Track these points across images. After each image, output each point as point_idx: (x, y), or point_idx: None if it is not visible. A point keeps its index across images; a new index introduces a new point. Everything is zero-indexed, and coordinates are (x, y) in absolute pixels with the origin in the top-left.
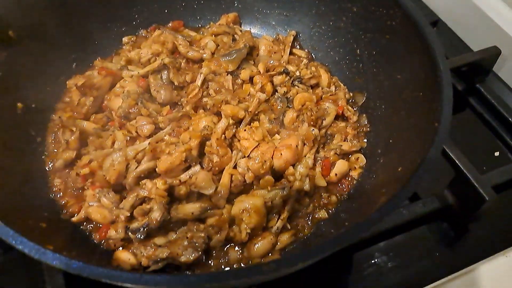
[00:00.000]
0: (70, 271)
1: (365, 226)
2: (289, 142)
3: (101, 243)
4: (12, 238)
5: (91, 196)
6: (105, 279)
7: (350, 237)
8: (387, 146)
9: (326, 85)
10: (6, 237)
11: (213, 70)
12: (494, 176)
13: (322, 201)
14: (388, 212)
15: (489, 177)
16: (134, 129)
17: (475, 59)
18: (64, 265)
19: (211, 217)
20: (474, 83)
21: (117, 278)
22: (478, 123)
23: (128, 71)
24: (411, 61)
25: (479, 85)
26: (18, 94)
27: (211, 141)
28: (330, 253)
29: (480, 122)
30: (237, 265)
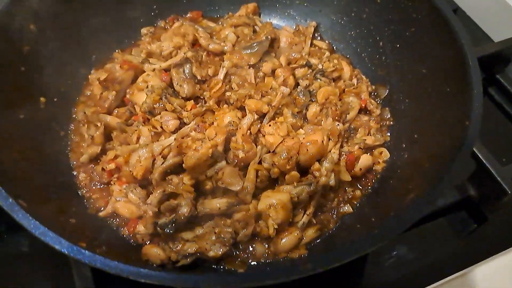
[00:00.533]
0: (111, 272)
1: (400, 225)
2: (315, 138)
3: (129, 237)
4: (51, 239)
5: (117, 191)
6: (145, 279)
7: (384, 236)
8: (411, 141)
9: (348, 78)
10: (46, 238)
11: (235, 63)
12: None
13: (347, 196)
14: (421, 212)
15: (511, 170)
16: (159, 124)
17: (496, 49)
18: (104, 266)
19: (237, 212)
20: (493, 74)
21: (158, 278)
22: (498, 114)
23: (150, 65)
24: (437, 55)
25: (499, 75)
26: (41, 88)
27: (237, 137)
28: (364, 253)
29: (499, 113)
30: (263, 259)
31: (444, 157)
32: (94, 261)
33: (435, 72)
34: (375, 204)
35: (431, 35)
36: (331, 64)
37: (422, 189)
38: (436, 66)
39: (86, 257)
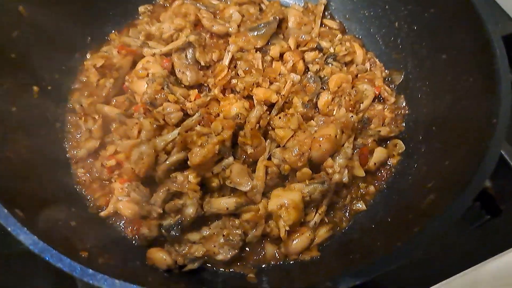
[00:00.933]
0: None
1: (424, 240)
2: (328, 132)
3: (132, 238)
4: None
5: (119, 190)
6: None
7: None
8: (429, 133)
9: (361, 62)
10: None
11: (241, 47)
12: None
13: (360, 192)
14: (453, 218)
15: None
16: (161, 117)
17: None
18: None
19: (246, 212)
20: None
21: None
22: None
23: (149, 49)
24: (459, 41)
25: None
26: (33, 76)
27: (245, 131)
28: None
29: None
30: (274, 261)
31: (468, 156)
32: (98, 281)
33: (457, 59)
34: (390, 202)
35: (452, 18)
36: (344, 48)
37: (444, 192)
38: (458, 53)
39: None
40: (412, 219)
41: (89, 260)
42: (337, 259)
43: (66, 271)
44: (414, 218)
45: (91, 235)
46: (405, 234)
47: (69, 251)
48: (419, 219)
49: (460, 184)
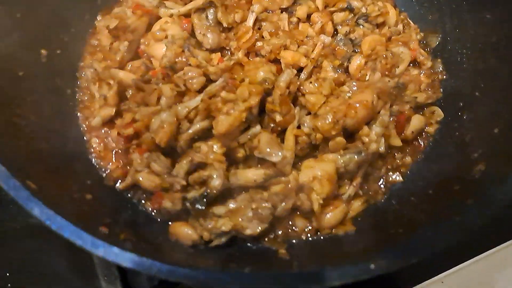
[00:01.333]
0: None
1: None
2: (364, 98)
3: (152, 212)
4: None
5: (138, 160)
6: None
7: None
8: (472, 99)
9: (394, 24)
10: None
11: (265, 7)
12: None
13: (396, 162)
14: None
15: None
16: (182, 82)
17: None
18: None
19: (275, 184)
20: None
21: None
22: None
23: (166, 9)
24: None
25: None
26: (41, 38)
27: (273, 97)
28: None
29: None
30: (304, 236)
31: None
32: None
33: (503, 19)
34: (429, 173)
35: None
36: (376, 8)
37: (496, 160)
38: (504, 11)
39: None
40: (459, 190)
41: (110, 237)
42: (374, 234)
43: (87, 249)
44: (462, 189)
45: (109, 209)
46: (455, 206)
47: (88, 227)
48: (470, 189)
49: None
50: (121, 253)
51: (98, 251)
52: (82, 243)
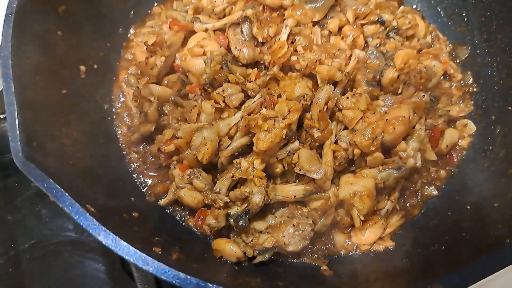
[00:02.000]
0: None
1: None
2: (402, 113)
3: (194, 228)
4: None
5: (179, 177)
6: None
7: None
8: (504, 112)
9: (423, 36)
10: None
11: (298, 21)
12: None
13: (431, 176)
14: None
15: None
16: (221, 99)
17: None
18: None
19: (315, 200)
20: None
21: None
22: None
23: (201, 24)
24: None
25: None
26: (80, 54)
27: (312, 113)
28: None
29: None
30: (344, 252)
31: None
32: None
33: None
34: (464, 187)
35: None
36: (407, 21)
37: None
38: None
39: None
40: (500, 208)
41: (164, 258)
42: (414, 250)
43: (153, 273)
44: (503, 207)
45: (155, 226)
46: (500, 223)
47: (146, 249)
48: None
49: None
50: (186, 278)
51: (164, 276)
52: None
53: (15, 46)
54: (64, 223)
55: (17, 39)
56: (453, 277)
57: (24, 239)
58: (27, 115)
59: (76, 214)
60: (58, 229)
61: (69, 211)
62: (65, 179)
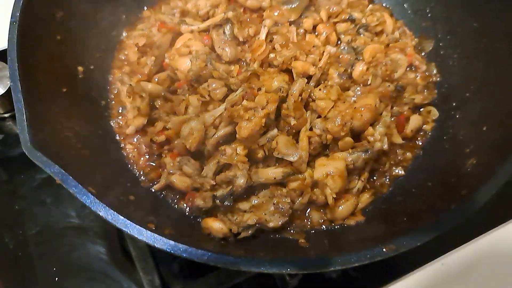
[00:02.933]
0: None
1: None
2: (368, 102)
3: (185, 210)
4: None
5: (170, 164)
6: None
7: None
8: (463, 99)
9: (391, 31)
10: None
11: (276, 21)
12: None
13: (398, 158)
14: (504, 179)
15: None
16: (206, 92)
17: None
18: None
19: (293, 181)
20: None
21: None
22: None
23: (187, 26)
24: (493, 8)
25: None
26: (77, 56)
27: (288, 104)
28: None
29: None
30: (319, 226)
31: (507, 121)
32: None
33: (489, 28)
34: (428, 166)
35: None
36: (375, 18)
37: (485, 155)
38: (490, 20)
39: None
40: (455, 183)
41: (158, 232)
42: (382, 223)
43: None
44: (458, 182)
45: (149, 208)
46: (451, 196)
47: (141, 224)
48: (464, 181)
49: (504, 147)
50: (176, 244)
51: (156, 243)
52: (145, 239)
53: (20, 50)
54: (67, 210)
55: (22, 44)
56: (401, 239)
57: (31, 226)
58: (33, 111)
59: (80, 194)
60: (62, 216)
61: (74, 192)
62: (68, 166)
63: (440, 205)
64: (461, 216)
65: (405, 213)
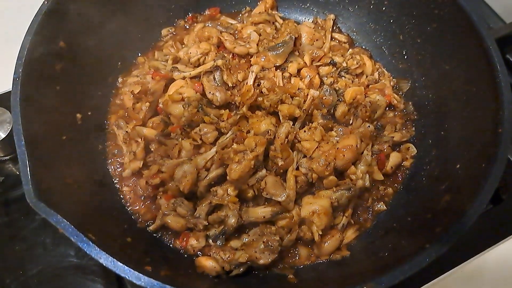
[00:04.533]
0: None
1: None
2: (350, 143)
3: (180, 249)
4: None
5: (165, 205)
6: None
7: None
8: (438, 137)
9: (370, 73)
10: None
11: (262, 66)
12: None
13: (380, 194)
14: (473, 218)
15: None
16: (198, 137)
17: (508, 31)
18: None
19: (281, 219)
20: (504, 54)
21: None
22: None
23: (179, 73)
24: (460, 54)
25: (509, 55)
26: (76, 104)
27: (275, 146)
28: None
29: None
30: (308, 262)
31: (477, 160)
32: None
33: (459, 71)
34: (408, 202)
35: (454, 33)
36: (355, 62)
37: (458, 193)
38: (460, 64)
39: None
40: (431, 219)
41: (154, 274)
42: (366, 257)
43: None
44: (433, 218)
45: (145, 249)
46: (428, 234)
47: (138, 268)
48: (438, 219)
49: (474, 187)
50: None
51: None
52: (142, 283)
53: (22, 102)
54: (67, 250)
55: (24, 97)
56: (381, 278)
57: (31, 266)
58: (35, 162)
59: (81, 242)
60: (61, 255)
61: (75, 240)
62: (69, 213)
63: (417, 242)
64: (434, 254)
65: (386, 248)
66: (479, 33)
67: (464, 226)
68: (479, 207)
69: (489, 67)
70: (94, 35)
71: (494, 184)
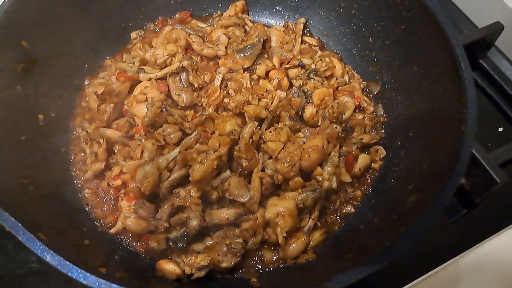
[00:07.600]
0: None
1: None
2: (315, 143)
3: (141, 252)
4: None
5: (126, 207)
6: None
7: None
8: (407, 138)
9: (340, 75)
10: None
11: (230, 68)
12: (502, 154)
13: (348, 196)
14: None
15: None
16: (161, 137)
17: (481, 36)
18: None
19: (245, 221)
20: (476, 59)
21: None
22: (482, 99)
23: (145, 74)
24: (427, 55)
25: (482, 60)
26: (38, 104)
27: (239, 146)
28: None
29: (483, 97)
30: (273, 265)
31: (443, 159)
32: None
33: (427, 71)
34: (376, 204)
35: (421, 34)
36: (324, 64)
37: (424, 193)
38: (427, 65)
39: None
40: (397, 219)
41: (108, 275)
42: (331, 260)
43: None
44: (399, 218)
45: (104, 252)
46: (392, 233)
47: (90, 269)
48: (404, 219)
49: (438, 186)
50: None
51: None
52: (87, 282)
53: None
54: (28, 255)
55: None
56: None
57: None
58: None
59: (28, 241)
60: (23, 261)
61: (22, 239)
62: (22, 212)
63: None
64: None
65: (351, 250)
66: (444, 33)
67: (426, 224)
68: (441, 205)
69: (454, 66)
70: (58, 36)
71: (456, 181)
